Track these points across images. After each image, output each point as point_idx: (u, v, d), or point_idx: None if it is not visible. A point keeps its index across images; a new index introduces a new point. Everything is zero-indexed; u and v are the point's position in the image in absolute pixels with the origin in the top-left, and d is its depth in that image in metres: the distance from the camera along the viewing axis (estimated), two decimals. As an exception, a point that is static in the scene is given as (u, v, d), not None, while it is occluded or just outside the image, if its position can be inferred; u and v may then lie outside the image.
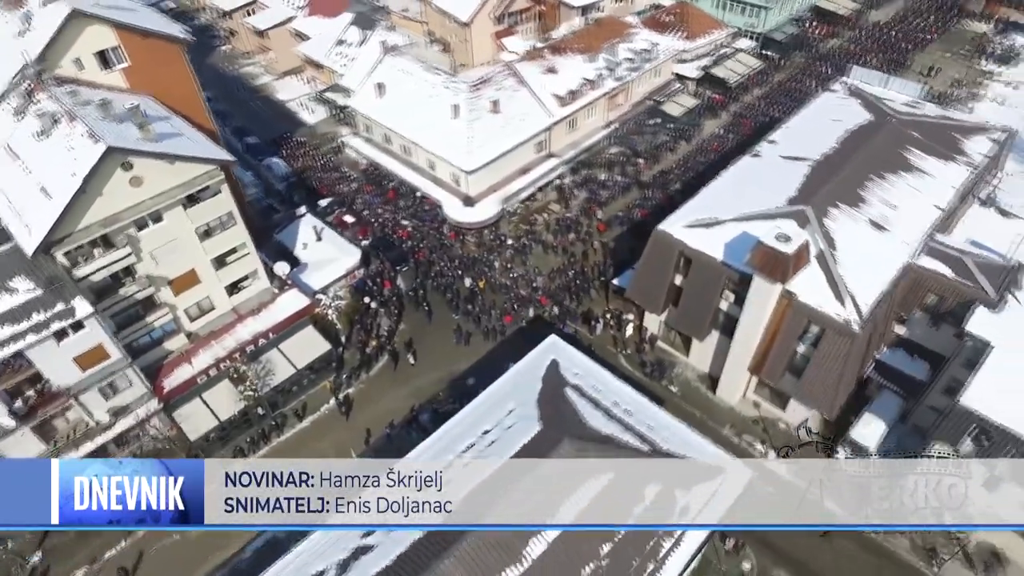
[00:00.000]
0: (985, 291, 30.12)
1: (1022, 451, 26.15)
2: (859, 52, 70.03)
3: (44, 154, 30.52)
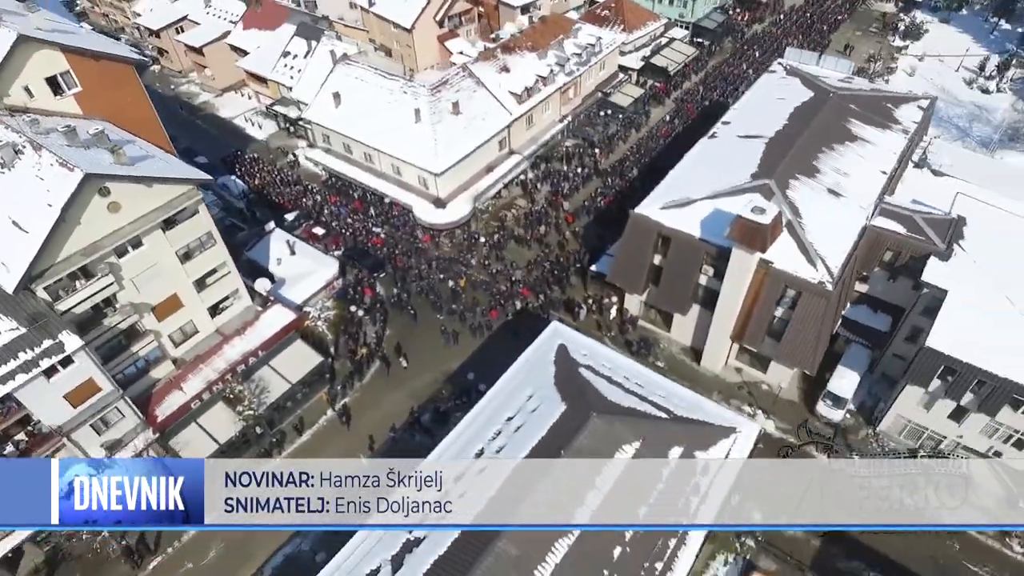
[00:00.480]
0: (936, 244, 33.16)
1: (984, 384, 29.07)
2: (782, 35, 74.39)
3: (9, 187, 29.19)
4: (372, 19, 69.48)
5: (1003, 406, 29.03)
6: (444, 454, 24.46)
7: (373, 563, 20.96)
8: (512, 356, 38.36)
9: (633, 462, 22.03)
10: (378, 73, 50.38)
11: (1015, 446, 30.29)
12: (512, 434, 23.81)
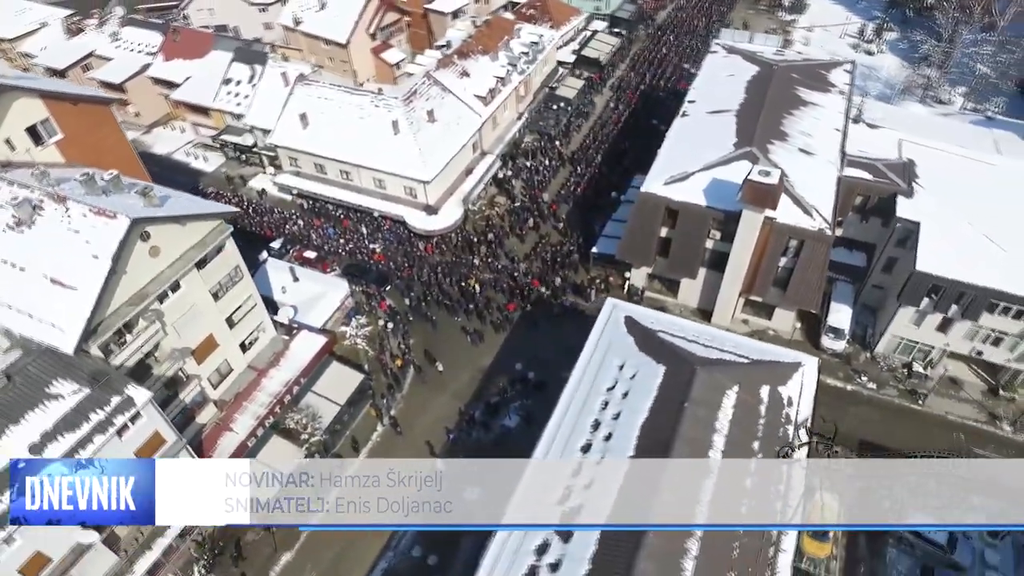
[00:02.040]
0: (900, 185, 38.48)
1: (964, 295, 34.37)
2: (687, 19, 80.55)
3: (36, 245, 27.47)
4: (300, 37, 68.33)
5: (982, 311, 34.48)
6: (556, 436, 25.95)
7: (537, 539, 22.29)
8: (541, 343, 40.75)
9: (739, 403, 24.75)
10: (343, 90, 50.19)
11: (993, 344, 35.97)
12: (622, 400, 25.80)
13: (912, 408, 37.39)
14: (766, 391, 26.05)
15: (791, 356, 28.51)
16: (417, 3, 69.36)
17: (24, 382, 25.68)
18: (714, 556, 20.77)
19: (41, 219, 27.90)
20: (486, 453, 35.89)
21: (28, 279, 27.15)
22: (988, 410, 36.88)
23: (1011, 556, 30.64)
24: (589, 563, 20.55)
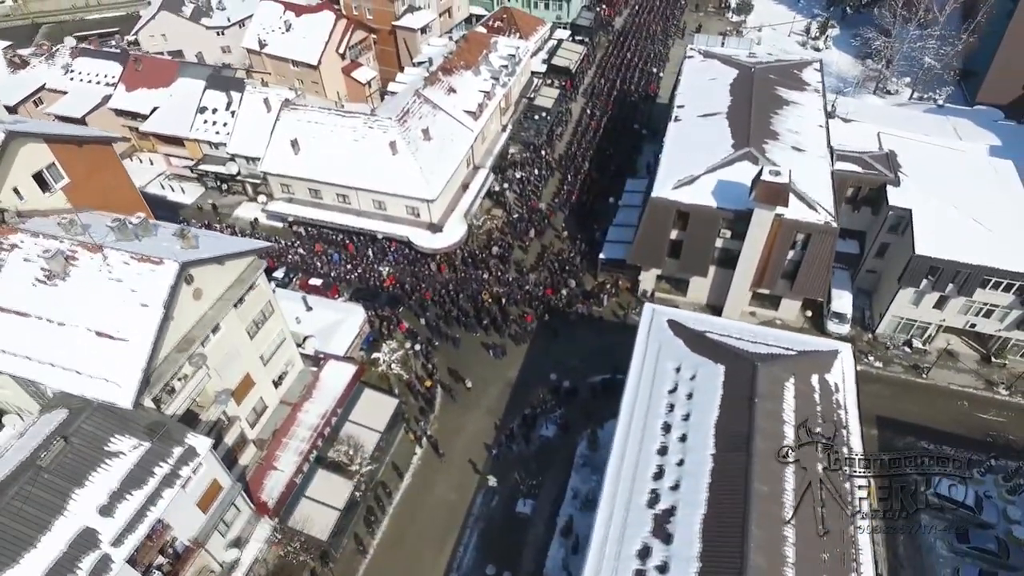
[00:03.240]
0: (887, 175, 41.24)
1: (959, 274, 37.19)
2: (644, 24, 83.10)
3: (71, 298, 26.30)
4: (265, 60, 67.01)
5: (976, 287, 37.40)
6: (627, 442, 26.70)
7: (634, 544, 23.00)
8: (563, 351, 41.61)
9: (797, 394, 26.21)
10: (335, 113, 49.66)
11: (984, 316, 39.01)
12: (688, 401, 26.81)
13: (917, 382, 40.09)
14: (816, 380, 27.66)
15: (828, 345, 30.28)
16: (385, 20, 69.10)
17: (82, 442, 24.55)
18: (808, 540, 22.00)
19: (76, 270, 26.71)
20: (529, 465, 36.44)
21: (69, 334, 25.92)
22: (984, 377, 39.96)
23: (1029, 510, 33.43)
24: (698, 561, 21.43)
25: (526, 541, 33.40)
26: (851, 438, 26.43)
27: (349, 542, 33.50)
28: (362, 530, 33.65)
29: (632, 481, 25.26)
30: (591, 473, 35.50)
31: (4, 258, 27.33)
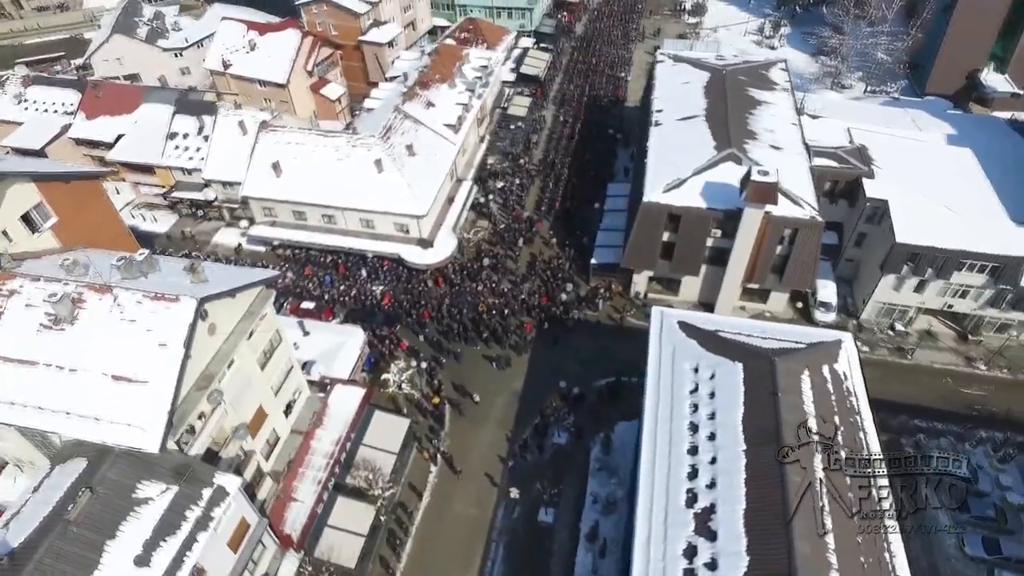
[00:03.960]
0: (862, 168, 43.22)
1: (937, 259, 39.27)
2: (604, 29, 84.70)
3: (82, 343, 25.42)
4: (230, 81, 65.62)
5: (953, 270, 39.55)
6: (656, 445, 27.31)
7: (679, 544, 23.61)
8: (564, 357, 42.08)
9: (813, 385, 27.35)
10: (316, 133, 49.08)
11: (961, 297, 41.23)
12: (711, 400, 27.59)
13: (903, 363, 42.09)
14: (827, 370, 28.84)
15: (831, 335, 31.56)
16: (351, 36, 68.58)
17: (108, 491, 23.73)
18: (844, 527, 23.01)
19: (84, 313, 25.83)
20: (545, 473, 36.77)
21: (83, 381, 25.03)
22: (964, 355, 42.25)
23: (1019, 475, 35.52)
24: (747, 555, 22.16)
25: (552, 550, 33.70)
26: (865, 423, 27.59)
27: (375, 567, 33.17)
28: (387, 553, 33.38)
29: (667, 482, 25.85)
30: (608, 477, 36.06)
31: (4, 305, 26.23)
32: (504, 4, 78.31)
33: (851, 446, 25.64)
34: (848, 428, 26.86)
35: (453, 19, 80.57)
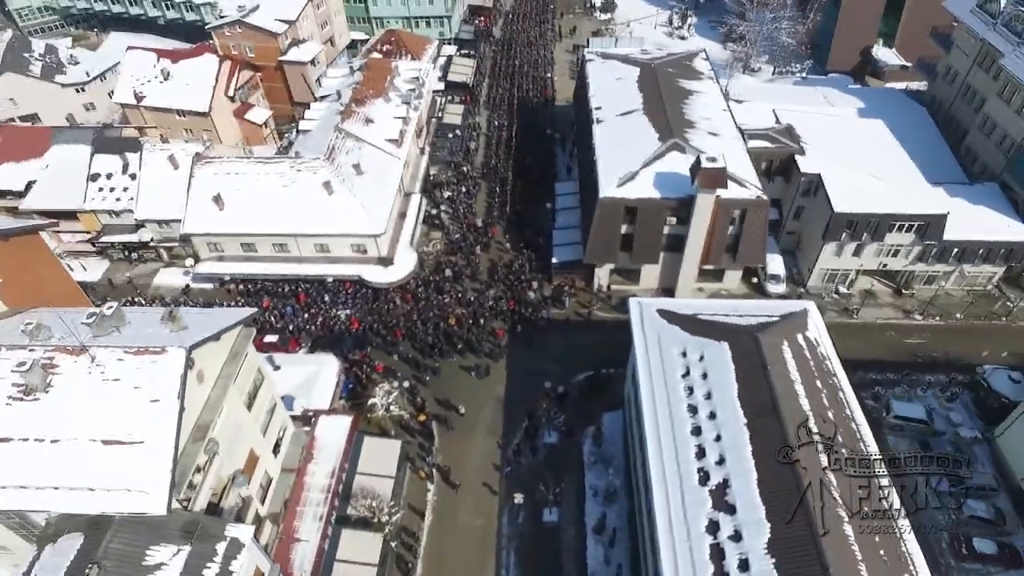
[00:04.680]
0: (793, 146, 46.19)
1: (871, 223, 42.58)
2: (521, 31, 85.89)
3: (60, 411, 23.74)
4: (145, 113, 62.27)
5: (886, 232, 43.01)
6: (659, 432, 28.28)
7: (701, 521, 24.68)
8: (541, 357, 42.66)
9: (794, 355, 29.18)
10: (256, 160, 47.44)
11: (893, 255, 44.85)
12: (704, 381, 28.85)
13: (850, 322, 45.34)
14: (801, 338, 30.84)
15: (797, 306, 33.65)
16: (270, 57, 66.42)
17: (117, 564, 22.23)
18: (847, 486, 24.76)
19: (60, 378, 24.10)
20: (543, 474, 37.30)
21: (69, 450, 23.35)
22: (901, 308, 46.01)
23: (964, 411, 39.13)
24: (767, 522, 23.47)
25: (562, 548, 34.26)
26: (842, 383, 29.68)
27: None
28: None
29: (677, 465, 26.91)
30: (604, 468, 36.99)
31: (-38, 382, 24.06)
32: (422, 14, 78.04)
33: (836, 409, 27.51)
34: (829, 390, 28.82)
35: (370, 32, 79.55)
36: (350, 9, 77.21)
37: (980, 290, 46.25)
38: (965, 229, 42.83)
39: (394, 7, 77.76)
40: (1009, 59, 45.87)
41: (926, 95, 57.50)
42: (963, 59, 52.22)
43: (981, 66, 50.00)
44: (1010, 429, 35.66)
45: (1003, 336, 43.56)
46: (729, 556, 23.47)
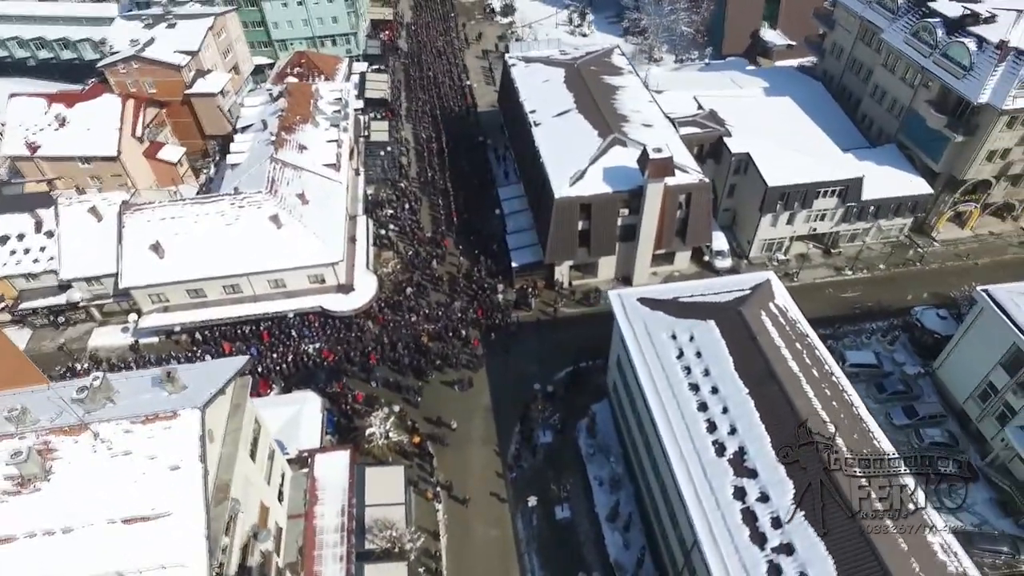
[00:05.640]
0: (721, 129, 49.40)
1: (799, 192, 46.39)
2: (427, 41, 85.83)
3: (66, 497, 22.01)
4: (42, 165, 57.37)
5: (814, 200, 46.98)
6: (668, 414, 29.74)
7: (727, 490, 26.35)
8: (520, 361, 43.49)
9: (773, 323, 31.56)
10: (192, 202, 44.98)
11: (820, 219, 49.01)
12: (699, 360, 30.53)
13: (792, 285, 48.74)
14: (773, 307, 33.38)
15: (760, 277, 36.23)
16: (174, 91, 62.81)
17: (165, 646, 20.97)
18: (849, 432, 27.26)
19: (60, 463, 22.28)
20: (546, 473, 38.07)
21: (85, 538, 21.62)
22: (832, 266, 50.37)
23: (905, 351, 43.56)
24: (789, 479, 25.41)
25: (580, 541, 35.19)
26: (815, 341, 32.39)
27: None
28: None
29: (692, 442, 28.46)
30: (604, 458, 38.24)
31: (-58, 485, 21.72)
32: (327, 32, 76.25)
33: (817, 366, 30.07)
34: (808, 350, 31.40)
35: (274, 56, 76.88)
36: (251, 34, 74.21)
37: (894, 241, 51.38)
38: (878, 188, 47.54)
39: (297, 29, 75.49)
40: (888, 33, 51.24)
41: (817, 70, 62.92)
42: (846, 36, 57.70)
43: (863, 40, 55.50)
44: (946, 361, 40.08)
45: (921, 279, 48.74)
46: (761, 517, 25.23)
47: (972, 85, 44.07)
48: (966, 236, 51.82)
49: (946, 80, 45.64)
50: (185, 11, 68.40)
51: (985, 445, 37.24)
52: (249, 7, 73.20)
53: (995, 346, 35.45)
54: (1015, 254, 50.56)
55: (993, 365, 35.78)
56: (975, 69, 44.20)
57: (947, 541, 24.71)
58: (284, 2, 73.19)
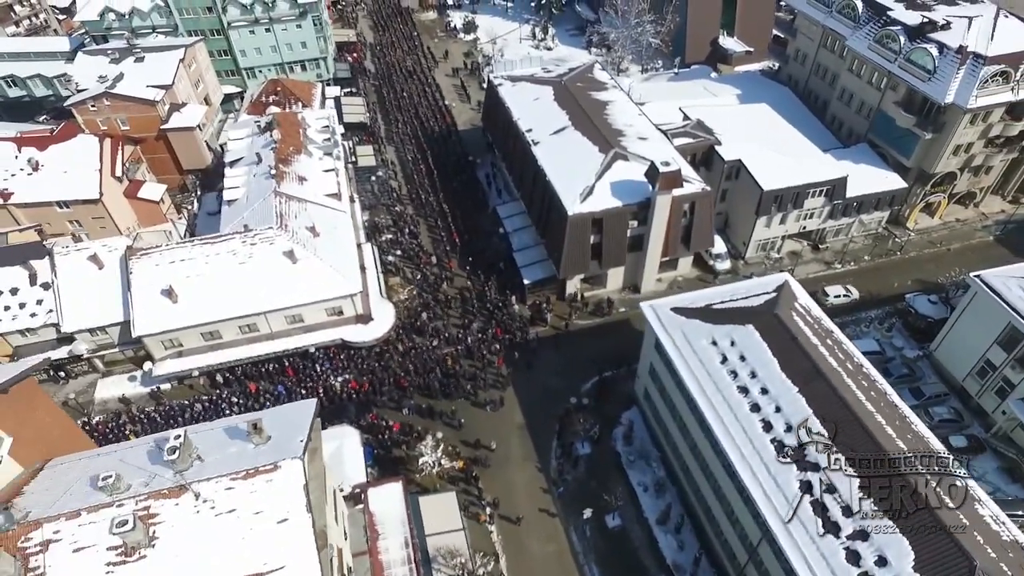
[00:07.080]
0: (711, 139, 51.78)
1: (791, 193, 49.20)
2: (396, 62, 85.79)
3: (174, 560, 21.65)
4: (16, 212, 54.65)
5: (805, 200, 49.88)
6: (722, 418, 31.25)
7: (793, 485, 27.98)
8: (545, 376, 44.50)
9: (805, 323, 33.61)
10: (201, 242, 43.95)
11: (809, 218, 52.03)
12: (743, 363, 32.18)
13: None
14: (799, 307, 35.53)
15: (777, 279, 38.35)
16: (149, 127, 60.99)
17: None
18: (889, 416, 29.42)
19: (163, 527, 21.86)
20: (590, 484, 39.10)
21: (197, 601, 21.37)
22: (822, 261, 53.48)
23: (901, 336, 46.77)
24: (852, 467, 27.27)
25: (635, 547, 36.35)
26: (840, 336, 34.63)
27: (495, 647, 32.75)
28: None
29: (751, 443, 30.06)
30: (644, 464, 39.58)
31: (42, 564, 21.03)
32: (296, 58, 75.40)
33: (846, 357, 32.27)
34: (837, 346, 33.57)
35: (242, 84, 75.53)
36: (218, 63, 72.60)
37: (875, 233, 54.98)
38: (858, 186, 50.88)
39: (265, 55, 74.34)
40: (853, 40, 54.90)
41: (782, 75, 66.52)
42: (809, 43, 61.35)
43: (827, 47, 59.17)
44: (942, 343, 43.36)
45: (905, 267, 52.38)
46: (831, 507, 26.99)
47: (938, 87, 47.86)
48: (936, 224, 55.95)
49: (913, 83, 49.35)
50: (151, 43, 66.47)
51: (987, 418, 40.45)
52: (215, 36, 71.64)
53: (991, 326, 38.69)
54: (980, 238, 54.95)
55: (990, 344, 39.01)
56: (939, 72, 48.04)
57: (994, 512, 27.05)
58: (251, 29, 71.99)
